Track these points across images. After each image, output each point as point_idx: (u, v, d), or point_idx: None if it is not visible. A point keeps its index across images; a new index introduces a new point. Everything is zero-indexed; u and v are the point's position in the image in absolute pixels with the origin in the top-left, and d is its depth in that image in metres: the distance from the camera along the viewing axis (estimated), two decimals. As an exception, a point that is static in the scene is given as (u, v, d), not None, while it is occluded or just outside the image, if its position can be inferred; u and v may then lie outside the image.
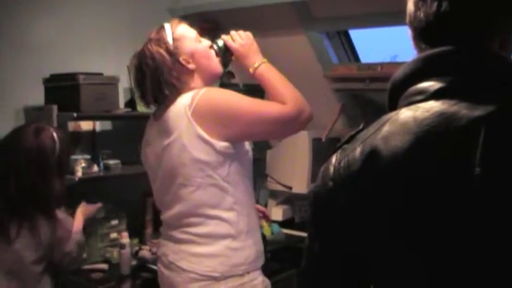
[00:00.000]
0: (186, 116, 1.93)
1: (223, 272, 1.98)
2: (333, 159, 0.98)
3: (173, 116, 1.98)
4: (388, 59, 3.42)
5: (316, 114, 2.75)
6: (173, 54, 2.05)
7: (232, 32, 2.21)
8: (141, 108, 3.23)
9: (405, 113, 0.90)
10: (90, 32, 3.34)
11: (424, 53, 0.92)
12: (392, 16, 3.06)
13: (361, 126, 0.99)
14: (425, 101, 0.89)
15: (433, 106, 0.87)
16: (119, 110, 3.14)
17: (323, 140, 3.43)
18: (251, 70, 2.12)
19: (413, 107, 0.90)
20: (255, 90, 3.55)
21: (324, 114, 3.45)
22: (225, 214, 2.01)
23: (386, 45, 3.60)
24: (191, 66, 2.08)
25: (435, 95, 0.88)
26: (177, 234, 2.07)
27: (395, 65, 3.13)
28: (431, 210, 0.84)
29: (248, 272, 2.04)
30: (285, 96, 1.99)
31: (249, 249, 2.05)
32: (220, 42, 2.22)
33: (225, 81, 3.72)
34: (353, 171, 0.92)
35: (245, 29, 2.25)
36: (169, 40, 2.09)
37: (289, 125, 1.99)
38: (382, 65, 3.18)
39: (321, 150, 3.34)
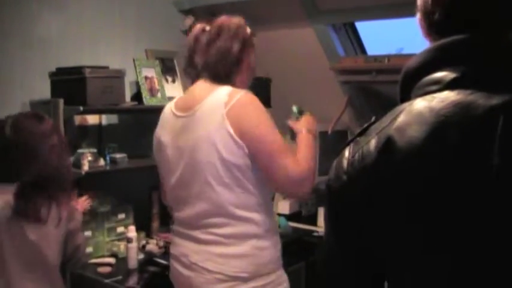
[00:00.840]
0: (220, 113, 1.91)
1: (252, 271, 1.98)
2: (346, 152, 0.97)
3: (207, 111, 1.95)
4: (394, 52, 3.39)
5: (323, 106, 2.76)
6: (246, 47, 2.08)
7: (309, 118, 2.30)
8: (147, 101, 3.23)
9: (420, 103, 0.89)
10: (96, 25, 3.34)
11: (438, 42, 0.91)
12: (399, 8, 3.05)
13: (373, 119, 0.98)
14: (440, 91, 0.88)
15: (449, 96, 0.86)
16: (125, 103, 3.13)
17: (329, 132, 3.42)
18: (299, 132, 2.20)
19: (428, 97, 0.89)
20: (258, 84, 3.51)
21: (331, 106, 3.44)
22: (251, 215, 2.00)
23: (393, 37, 3.58)
24: (249, 68, 2.13)
25: (450, 85, 0.87)
26: (200, 234, 2.03)
27: (403, 57, 3.13)
28: (449, 201, 0.83)
29: (274, 271, 2.05)
30: (307, 160, 2.02)
31: (274, 248, 2.07)
32: (295, 112, 2.38)
33: None
34: (368, 164, 0.91)
35: (252, 21, 2.22)
36: (248, 33, 2.10)
37: (292, 182, 1.96)
38: (389, 57, 3.17)
39: (328, 143, 3.33)
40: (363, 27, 3.51)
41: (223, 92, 1.95)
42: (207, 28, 2.07)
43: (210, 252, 2.00)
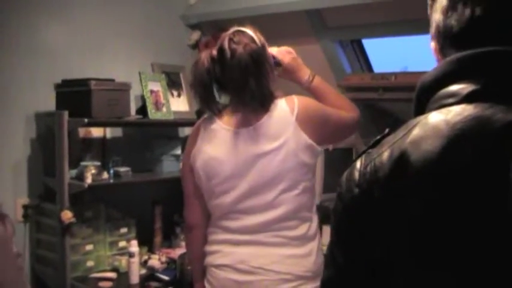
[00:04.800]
0: (291, 121, 2.01)
1: (315, 270, 2.06)
2: (358, 164, 0.95)
3: (277, 122, 2.02)
4: (400, 69, 3.37)
5: None
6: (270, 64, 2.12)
7: (276, 48, 2.26)
8: (152, 115, 3.22)
9: (436, 116, 0.87)
10: (103, 38, 3.35)
11: (456, 55, 0.89)
12: (406, 25, 3.07)
13: (386, 131, 0.96)
14: (457, 104, 0.86)
15: (466, 109, 0.84)
16: (130, 116, 3.13)
17: (330, 149, 3.39)
18: (306, 83, 2.24)
19: (444, 110, 0.87)
20: None
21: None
22: (313, 215, 2.12)
23: (399, 55, 3.56)
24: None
25: (468, 98, 0.86)
26: (266, 238, 2.06)
27: (409, 74, 3.10)
28: (464, 217, 0.81)
29: None
30: (345, 105, 2.22)
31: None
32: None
33: None
34: (381, 177, 0.89)
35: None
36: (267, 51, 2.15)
37: (355, 128, 2.29)
38: (396, 74, 3.14)
39: (332, 161, 3.30)
40: (370, 44, 3.50)
41: (280, 104, 2.05)
42: (214, 53, 2.08)
43: (278, 254, 2.04)
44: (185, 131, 3.70)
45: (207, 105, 2.10)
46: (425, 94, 0.92)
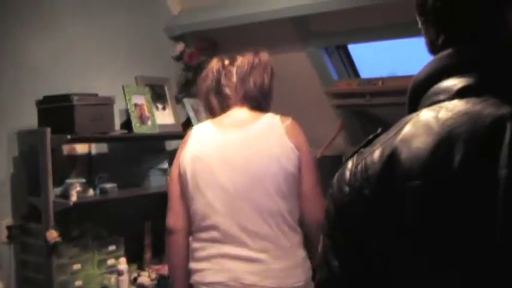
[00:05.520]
0: (279, 130, 2.13)
1: (305, 280, 2.09)
2: (349, 163, 0.93)
3: (264, 128, 2.14)
4: (387, 74, 3.35)
5: (317, 131, 2.71)
6: (273, 78, 2.31)
7: None
8: (137, 129, 3.17)
9: (427, 114, 0.86)
10: (86, 52, 3.30)
11: (447, 50, 0.89)
12: (391, 29, 3.07)
13: (379, 130, 0.95)
14: (448, 100, 0.85)
15: (457, 105, 0.83)
16: (114, 131, 3.08)
17: (317, 156, 3.35)
18: None
19: (435, 107, 0.86)
20: None
21: (325, 131, 3.38)
22: (296, 224, 2.14)
23: (386, 59, 3.54)
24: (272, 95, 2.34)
25: (459, 94, 0.84)
26: (254, 254, 2.08)
27: (397, 79, 3.10)
28: (456, 215, 0.79)
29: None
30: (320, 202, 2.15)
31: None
32: None
33: None
34: (371, 175, 0.87)
35: (243, 46, 2.30)
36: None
37: (309, 224, 2.16)
38: (382, 79, 3.14)
39: (321, 169, 3.25)
40: (356, 50, 3.48)
41: (274, 116, 2.19)
42: (226, 62, 2.29)
43: (269, 269, 2.04)
44: (172, 144, 3.65)
45: (210, 110, 2.29)
46: (418, 92, 0.91)
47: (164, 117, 3.44)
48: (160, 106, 3.46)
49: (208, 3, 3.48)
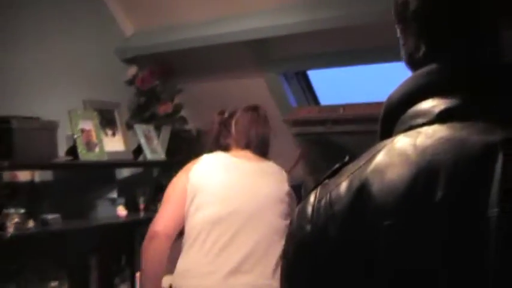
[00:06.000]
0: (284, 175, 2.47)
1: None
2: (311, 197, 0.81)
3: (273, 168, 2.46)
4: (348, 101, 3.26)
5: (276, 160, 2.62)
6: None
7: None
8: (83, 156, 2.98)
9: (403, 140, 0.74)
10: (31, 73, 3.12)
11: (426, 68, 0.77)
12: (353, 55, 3.00)
13: (346, 158, 0.82)
14: (428, 124, 0.74)
15: (437, 131, 0.72)
16: (58, 158, 2.90)
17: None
18: None
19: (413, 132, 0.74)
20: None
21: (284, 160, 3.26)
22: None
23: (347, 86, 3.48)
24: None
25: (440, 117, 0.73)
26: (254, 280, 2.22)
27: (359, 106, 3.02)
28: (435, 260, 0.68)
29: None
30: None
31: None
32: None
33: (178, 126, 3.54)
34: (337, 211, 0.75)
35: (200, 71, 2.19)
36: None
37: None
38: (344, 106, 3.05)
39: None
40: (315, 75, 3.41)
41: (274, 164, 2.50)
42: (226, 114, 2.52)
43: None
44: (122, 173, 3.49)
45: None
46: (392, 115, 0.80)
47: (114, 144, 3.28)
48: (109, 132, 3.30)
49: (162, 24, 3.38)
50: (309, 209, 0.80)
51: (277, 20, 2.93)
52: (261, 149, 2.46)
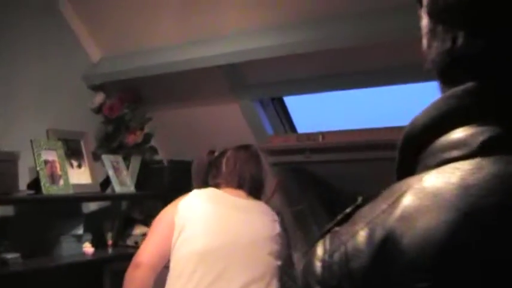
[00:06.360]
0: (274, 217, 2.36)
1: None
2: (319, 249, 0.69)
3: (264, 209, 2.36)
4: (327, 128, 3.16)
5: None
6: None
7: None
8: (47, 189, 2.82)
9: (436, 178, 0.62)
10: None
11: (463, 87, 0.64)
12: (331, 80, 2.91)
13: (359, 200, 0.69)
14: (467, 158, 0.62)
15: (482, 166, 0.60)
16: (19, 192, 2.74)
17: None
18: None
19: (448, 168, 0.62)
20: (179, 167, 3.24)
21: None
22: None
23: (325, 113, 3.39)
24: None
25: (483, 149, 0.61)
26: None
27: (339, 133, 2.93)
28: None
29: None
30: None
31: None
32: None
33: (148, 157, 3.41)
34: (355, 269, 0.64)
35: (171, 97, 2.06)
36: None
37: None
38: (323, 134, 2.94)
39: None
40: (291, 102, 3.33)
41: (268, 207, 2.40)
42: (216, 153, 2.49)
43: None
44: (89, 207, 3.33)
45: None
46: (415, 144, 0.67)
47: (80, 176, 3.14)
48: (75, 163, 3.16)
49: (131, 49, 3.27)
50: (318, 265, 0.68)
51: (251, 43, 2.83)
52: (255, 190, 2.41)
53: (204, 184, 2.41)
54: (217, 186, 2.38)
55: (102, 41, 3.43)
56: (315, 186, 3.03)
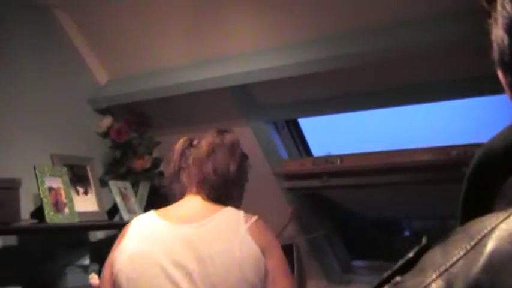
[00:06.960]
0: (242, 228, 1.78)
1: None
2: None
3: (225, 224, 1.80)
4: (345, 151, 3.05)
5: (265, 218, 2.36)
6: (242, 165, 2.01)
7: None
8: (51, 218, 2.73)
9: None
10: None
11: None
12: (348, 100, 2.79)
13: (424, 241, 0.57)
14: None
15: None
16: (21, 221, 2.63)
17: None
18: None
19: None
20: None
21: (274, 218, 3.02)
22: None
23: (342, 135, 3.30)
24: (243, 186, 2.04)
25: None
26: None
27: (358, 156, 2.80)
28: None
29: None
30: None
31: None
32: None
33: (157, 183, 3.34)
34: None
35: (180, 120, 1.96)
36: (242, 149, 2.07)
37: None
38: (341, 157, 2.82)
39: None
40: (306, 123, 3.24)
41: (237, 212, 1.85)
42: (195, 142, 1.99)
43: None
44: (96, 236, 3.24)
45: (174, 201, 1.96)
46: (493, 173, 0.56)
47: (86, 204, 3.05)
48: (81, 190, 3.07)
49: (138, 71, 3.20)
50: None
51: (263, 63, 2.74)
52: (220, 192, 1.89)
53: (175, 182, 1.98)
54: (183, 186, 1.94)
55: (109, 64, 3.37)
56: (332, 213, 2.91)
